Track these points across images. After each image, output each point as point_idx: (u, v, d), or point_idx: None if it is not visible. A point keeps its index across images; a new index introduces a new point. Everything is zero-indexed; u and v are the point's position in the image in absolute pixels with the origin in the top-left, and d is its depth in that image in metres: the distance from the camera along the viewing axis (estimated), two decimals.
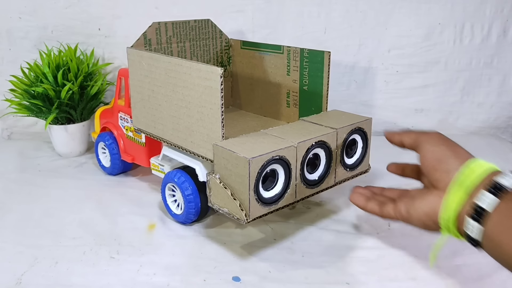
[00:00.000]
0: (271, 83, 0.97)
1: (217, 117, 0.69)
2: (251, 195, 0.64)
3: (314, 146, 0.72)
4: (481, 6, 1.23)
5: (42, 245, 0.76)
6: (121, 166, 1.01)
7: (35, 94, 1.08)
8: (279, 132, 0.74)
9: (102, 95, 1.16)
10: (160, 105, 0.79)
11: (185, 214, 0.80)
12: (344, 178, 0.80)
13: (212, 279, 0.67)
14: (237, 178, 0.65)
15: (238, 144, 0.68)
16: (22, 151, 1.17)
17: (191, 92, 0.72)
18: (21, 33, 1.20)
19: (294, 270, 0.70)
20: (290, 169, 0.69)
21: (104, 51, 1.23)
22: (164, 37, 0.93)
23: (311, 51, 0.86)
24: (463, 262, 0.71)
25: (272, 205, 0.68)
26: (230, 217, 0.68)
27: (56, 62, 1.10)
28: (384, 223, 0.83)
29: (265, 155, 0.64)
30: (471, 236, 0.49)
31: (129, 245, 0.76)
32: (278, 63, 0.93)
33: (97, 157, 1.06)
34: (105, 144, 1.01)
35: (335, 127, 0.75)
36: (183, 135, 0.77)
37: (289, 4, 1.21)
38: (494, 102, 1.30)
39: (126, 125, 0.97)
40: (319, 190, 0.76)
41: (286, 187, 0.70)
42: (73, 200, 0.92)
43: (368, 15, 1.23)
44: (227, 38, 1.05)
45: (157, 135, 0.83)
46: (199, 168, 0.77)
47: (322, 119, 0.81)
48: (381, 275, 0.69)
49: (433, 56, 1.26)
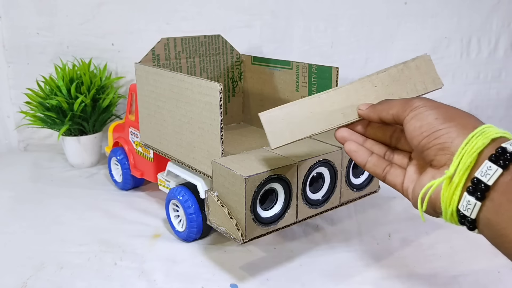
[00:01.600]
0: (280, 99, 0.96)
1: (216, 133, 0.68)
2: (247, 214, 0.63)
3: (317, 164, 0.69)
4: (487, 20, 1.23)
5: (49, 250, 0.79)
6: (133, 181, 1.02)
7: (49, 107, 1.12)
8: (281, 149, 0.70)
9: (113, 107, 1.20)
10: (165, 121, 0.80)
11: (187, 232, 0.80)
12: (350, 199, 0.76)
13: (210, 286, 0.69)
14: (234, 197, 0.64)
15: (237, 161, 0.67)
16: (36, 162, 1.21)
17: (193, 108, 0.72)
18: (38, 48, 1.25)
19: (292, 279, 0.71)
20: (290, 188, 0.66)
21: (117, 65, 1.27)
22: (173, 52, 0.94)
23: (319, 66, 0.86)
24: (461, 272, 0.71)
25: (271, 225, 0.66)
26: (227, 236, 0.66)
27: (70, 75, 1.14)
28: (384, 234, 0.83)
29: (263, 174, 0.62)
30: (468, 216, 0.39)
31: (132, 253, 0.78)
32: (288, 78, 0.93)
33: (110, 172, 1.07)
34: (117, 159, 1.03)
35: (341, 146, 0.72)
36: (185, 151, 0.76)
37: (296, 19, 1.24)
38: (503, 116, 1.30)
39: (136, 140, 0.98)
40: (323, 210, 0.72)
41: (286, 207, 0.67)
42: (82, 209, 0.95)
43: (375, 30, 1.24)
44: (238, 53, 1.05)
45: (162, 150, 0.83)
46: (201, 185, 0.76)
47: (329, 136, 0.76)
48: (379, 285, 0.69)
49: (440, 70, 1.24)
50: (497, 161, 0.37)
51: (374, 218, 0.90)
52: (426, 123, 0.44)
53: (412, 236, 0.82)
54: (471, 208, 0.39)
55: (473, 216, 0.39)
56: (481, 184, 0.38)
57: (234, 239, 0.64)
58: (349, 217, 0.90)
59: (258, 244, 0.80)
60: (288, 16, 1.24)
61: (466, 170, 0.39)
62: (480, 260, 0.74)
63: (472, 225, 0.40)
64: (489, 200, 0.38)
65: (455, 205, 0.40)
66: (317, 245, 0.80)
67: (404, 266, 0.74)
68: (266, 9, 1.23)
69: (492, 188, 0.37)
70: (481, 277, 0.70)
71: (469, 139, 0.40)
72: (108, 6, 1.22)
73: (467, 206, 0.39)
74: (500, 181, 0.37)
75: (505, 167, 0.37)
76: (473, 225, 0.39)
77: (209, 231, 0.82)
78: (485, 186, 0.37)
